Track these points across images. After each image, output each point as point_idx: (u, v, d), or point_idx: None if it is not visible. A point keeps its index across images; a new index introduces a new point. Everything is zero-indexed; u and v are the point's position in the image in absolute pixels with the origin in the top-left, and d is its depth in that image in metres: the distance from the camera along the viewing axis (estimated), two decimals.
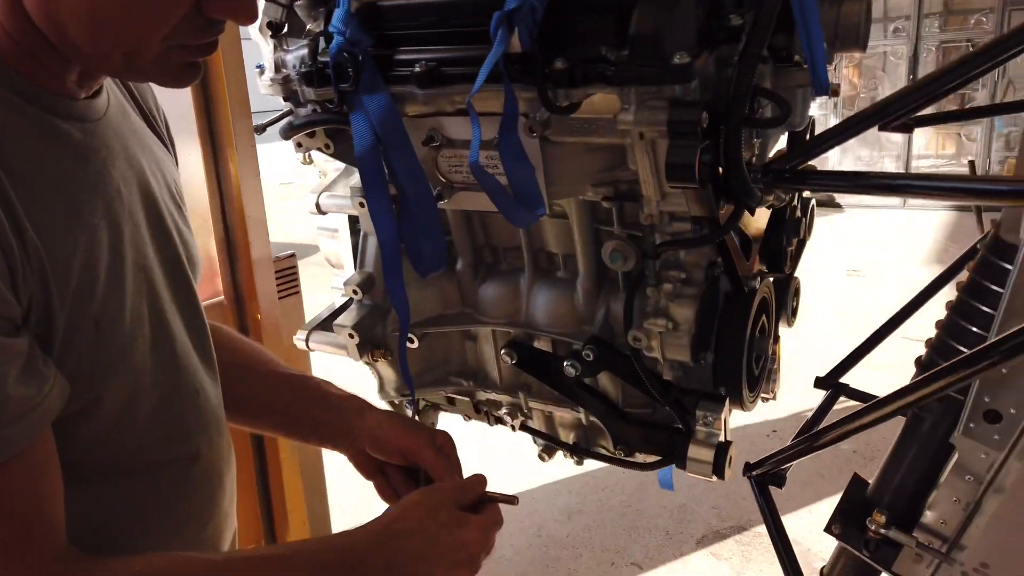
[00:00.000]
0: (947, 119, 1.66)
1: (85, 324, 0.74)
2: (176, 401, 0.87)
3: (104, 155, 0.80)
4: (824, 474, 3.23)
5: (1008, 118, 6.95)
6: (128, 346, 0.80)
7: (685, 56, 0.79)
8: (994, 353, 0.71)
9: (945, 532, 1.03)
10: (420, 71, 0.90)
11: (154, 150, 0.92)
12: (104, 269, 0.76)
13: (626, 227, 1.03)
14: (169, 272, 0.88)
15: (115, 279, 0.78)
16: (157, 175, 0.90)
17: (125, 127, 0.86)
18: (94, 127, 0.80)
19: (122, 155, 0.83)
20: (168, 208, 0.90)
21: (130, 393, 0.80)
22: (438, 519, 0.85)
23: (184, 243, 0.92)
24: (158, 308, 0.85)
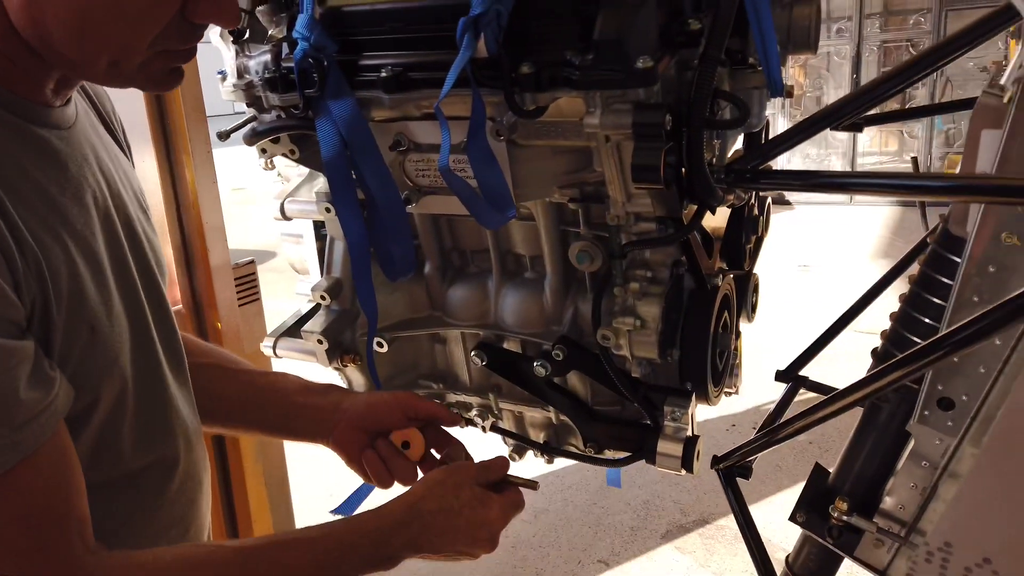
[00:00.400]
0: (893, 118, 1.72)
1: (81, 328, 0.74)
2: (156, 406, 0.87)
3: (79, 162, 0.80)
4: (781, 466, 3.31)
5: (947, 116, 7.20)
6: (117, 350, 0.80)
7: (648, 60, 0.81)
8: (945, 344, 0.74)
9: (903, 517, 1.07)
10: (386, 76, 0.90)
11: (119, 157, 0.91)
12: (90, 274, 0.76)
13: (592, 228, 1.05)
14: (143, 279, 0.87)
15: (101, 284, 0.78)
16: (124, 182, 0.89)
17: (92, 134, 0.86)
18: (68, 134, 0.80)
19: (94, 162, 0.83)
20: (137, 215, 0.89)
21: (117, 398, 0.80)
22: (460, 497, 0.88)
23: (153, 250, 0.91)
24: (138, 314, 0.85)
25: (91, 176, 0.81)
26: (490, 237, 1.13)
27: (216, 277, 1.96)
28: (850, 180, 0.86)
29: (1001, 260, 0.89)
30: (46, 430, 0.69)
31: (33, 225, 0.70)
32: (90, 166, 0.82)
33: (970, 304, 0.91)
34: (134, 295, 0.85)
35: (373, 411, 1.02)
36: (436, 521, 0.87)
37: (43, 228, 0.71)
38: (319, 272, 1.26)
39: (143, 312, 0.87)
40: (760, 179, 0.86)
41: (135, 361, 0.83)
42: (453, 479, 0.91)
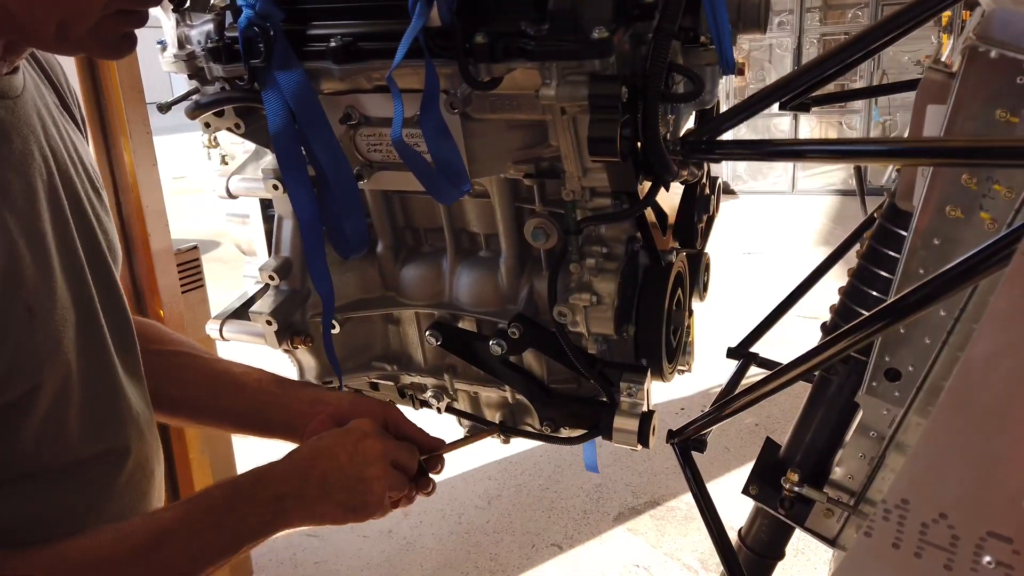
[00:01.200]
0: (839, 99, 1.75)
1: (17, 310, 0.70)
2: (104, 394, 0.83)
3: (25, 134, 0.76)
4: (730, 447, 3.38)
5: (883, 108, 7.44)
6: (60, 334, 0.76)
7: (603, 31, 0.80)
8: (890, 313, 0.75)
9: (853, 487, 1.10)
10: (336, 46, 0.87)
11: (69, 131, 0.87)
12: (31, 254, 0.72)
13: (548, 204, 1.04)
14: (91, 260, 0.83)
15: (43, 263, 0.74)
16: (74, 156, 0.85)
17: (41, 105, 0.81)
18: (14, 104, 0.75)
19: (41, 135, 0.79)
20: (87, 191, 0.85)
21: (62, 384, 0.76)
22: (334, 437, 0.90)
23: (103, 230, 0.87)
24: (85, 296, 0.81)
25: (37, 150, 0.77)
26: (444, 215, 1.11)
27: (157, 262, 1.89)
28: (801, 148, 0.87)
29: (946, 233, 0.91)
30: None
31: None
32: (37, 139, 0.77)
33: (916, 276, 0.94)
34: (80, 277, 0.81)
35: (356, 411, 0.99)
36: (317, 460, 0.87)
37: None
38: (267, 253, 1.22)
39: (90, 295, 0.82)
40: (713, 150, 0.87)
41: (81, 346, 0.79)
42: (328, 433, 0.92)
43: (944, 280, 0.66)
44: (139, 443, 0.89)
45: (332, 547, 2.91)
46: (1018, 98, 0.80)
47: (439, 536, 2.97)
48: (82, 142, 0.90)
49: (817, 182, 7.74)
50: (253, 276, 1.23)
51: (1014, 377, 0.49)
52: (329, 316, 1.02)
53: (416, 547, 2.92)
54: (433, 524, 3.03)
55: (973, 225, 0.89)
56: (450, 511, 3.10)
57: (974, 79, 0.81)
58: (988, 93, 0.81)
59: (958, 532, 0.52)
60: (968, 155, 0.66)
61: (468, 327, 1.16)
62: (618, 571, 2.77)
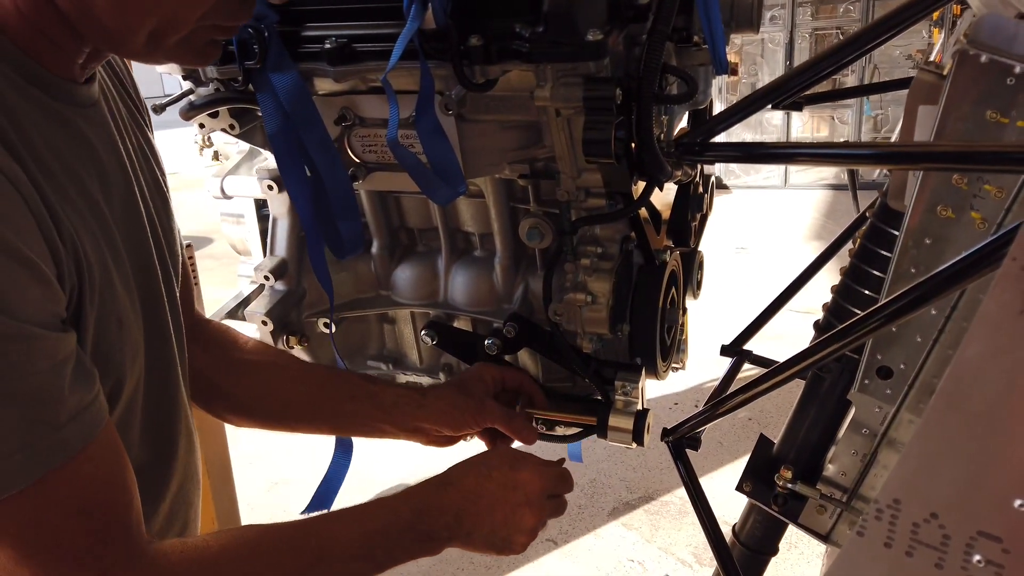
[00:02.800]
0: (831, 98, 1.76)
1: (111, 321, 0.70)
2: (165, 404, 0.84)
3: (103, 143, 0.75)
4: (723, 443, 3.39)
5: (875, 102, 7.46)
6: (138, 345, 0.76)
7: (598, 33, 0.80)
8: (883, 314, 0.76)
9: (845, 483, 1.11)
10: (331, 48, 0.87)
11: (138, 134, 0.86)
12: (116, 263, 0.72)
13: (542, 205, 1.04)
14: (162, 271, 0.83)
15: (124, 274, 0.74)
16: (142, 164, 0.84)
17: (114, 108, 0.80)
18: (91, 113, 0.74)
19: (118, 143, 0.78)
20: (153, 200, 0.84)
21: (133, 392, 0.77)
22: (493, 477, 0.89)
23: (169, 243, 0.87)
24: (155, 308, 0.81)
25: (115, 160, 0.76)
26: (439, 215, 1.12)
27: None
28: (792, 151, 0.87)
29: (937, 232, 0.92)
30: (95, 425, 0.65)
31: (69, 212, 0.65)
32: (114, 149, 0.77)
33: (908, 275, 0.94)
34: (154, 289, 0.81)
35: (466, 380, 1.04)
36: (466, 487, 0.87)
37: (77, 216, 0.67)
38: (261, 252, 1.22)
39: (162, 306, 0.82)
40: (706, 151, 0.87)
41: (151, 357, 0.80)
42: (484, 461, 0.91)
43: (936, 282, 0.67)
44: (189, 454, 0.89)
45: None
46: (1007, 99, 0.81)
47: None
48: (148, 138, 0.89)
49: (809, 176, 7.76)
50: (248, 276, 1.24)
51: (1004, 379, 0.50)
52: (332, 312, 1.03)
53: None
54: None
55: (964, 225, 0.90)
56: None
57: (964, 81, 0.82)
58: (978, 95, 0.82)
59: (949, 531, 0.53)
60: (957, 160, 0.67)
61: (463, 327, 1.16)
62: (612, 566, 2.78)
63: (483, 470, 0.89)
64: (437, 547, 0.85)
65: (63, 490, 0.63)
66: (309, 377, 1.06)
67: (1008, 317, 0.48)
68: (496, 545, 0.88)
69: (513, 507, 0.88)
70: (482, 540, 0.87)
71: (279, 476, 3.28)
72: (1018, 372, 0.49)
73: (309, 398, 1.04)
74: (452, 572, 2.77)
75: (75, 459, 0.63)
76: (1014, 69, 0.75)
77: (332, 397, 1.05)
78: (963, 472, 0.52)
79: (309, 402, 1.05)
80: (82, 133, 0.72)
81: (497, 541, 0.88)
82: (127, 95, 0.88)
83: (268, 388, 1.02)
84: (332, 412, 1.05)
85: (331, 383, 1.06)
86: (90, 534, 0.65)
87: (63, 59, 0.69)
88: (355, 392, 1.05)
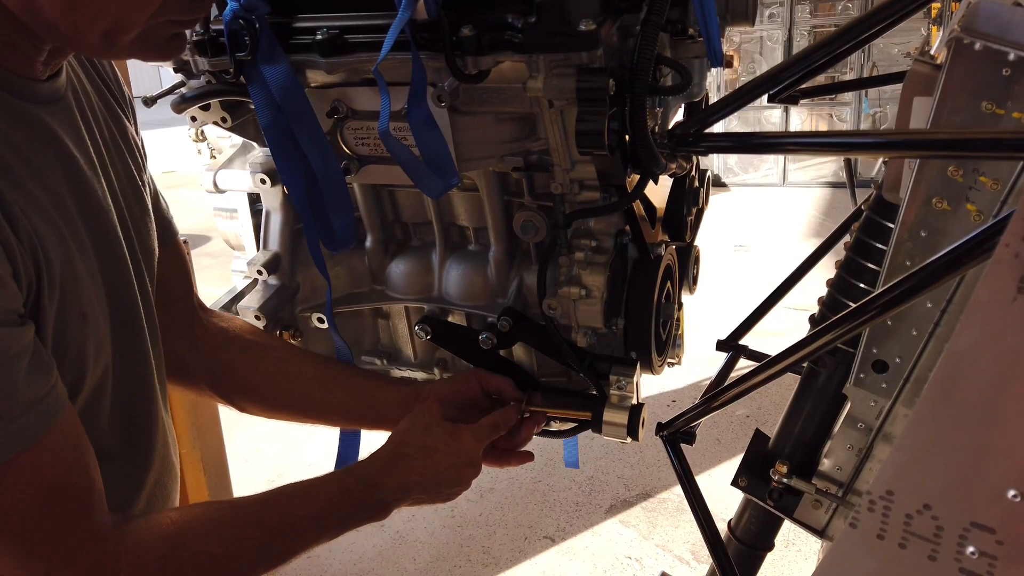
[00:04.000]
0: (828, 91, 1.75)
1: (73, 315, 0.71)
2: (138, 395, 0.85)
3: (69, 138, 0.75)
4: (721, 439, 3.39)
5: (873, 100, 7.45)
6: (104, 337, 0.77)
7: (591, 23, 0.80)
8: (877, 304, 0.76)
9: (841, 478, 1.10)
10: (322, 39, 0.87)
11: (112, 128, 0.85)
12: (81, 255, 0.73)
13: (536, 198, 1.04)
14: (134, 263, 0.83)
15: (90, 267, 0.74)
16: (114, 156, 0.84)
17: (85, 103, 0.80)
18: (56, 108, 0.74)
19: (84, 137, 0.78)
20: (124, 193, 0.84)
21: (100, 380, 0.78)
22: (433, 435, 0.94)
23: (139, 234, 0.86)
24: (125, 301, 0.81)
25: (80, 154, 0.76)
26: (433, 209, 1.11)
27: None
28: (786, 140, 0.87)
29: (932, 224, 0.91)
30: (52, 415, 0.67)
31: (28, 209, 0.66)
32: (81, 142, 0.77)
33: (903, 268, 0.94)
34: (123, 279, 0.81)
35: (455, 384, 1.06)
36: (416, 460, 0.92)
37: (37, 211, 0.67)
38: (255, 247, 1.21)
39: (133, 299, 0.83)
40: (701, 142, 0.87)
41: (120, 348, 0.80)
42: (421, 421, 0.96)
43: (929, 272, 0.67)
44: (165, 446, 0.90)
45: None
46: (1004, 90, 0.80)
47: (431, 530, 2.97)
48: (124, 127, 0.89)
49: (808, 174, 7.75)
50: (242, 271, 1.23)
51: (997, 369, 0.49)
52: (330, 303, 1.04)
53: (408, 541, 2.92)
54: (425, 518, 3.03)
55: (960, 217, 0.89)
56: (442, 505, 3.10)
57: (960, 71, 0.81)
58: (974, 85, 0.81)
59: (942, 523, 0.53)
60: (949, 148, 0.67)
61: (458, 321, 1.16)
62: (610, 563, 2.78)
63: (428, 442, 0.94)
64: (385, 514, 0.91)
65: (23, 478, 0.65)
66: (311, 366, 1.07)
67: (1001, 305, 0.48)
68: (438, 500, 0.96)
69: (457, 470, 0.95)
70: (427, 500, 0.95)
71: (276, 473, 3.28)
72: (1011, 361, 0.49)
73: (320, 383, 1.06)
74: (448, 570, 2.76)
75: (32, 448, 0.65)
76: (1008, 56, 0.75)
77: (339, 388, 1.07)
78: (956, 463, 0.51)
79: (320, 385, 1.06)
80: (46, 128, 0.72)
81: (440, 498, 0.96)
82: (104, 86, 0.87)
83: (278, 368, 1.04)
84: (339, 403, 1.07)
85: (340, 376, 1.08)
86: (53, 518, 0.68)
87: (22, 59, 0.69)
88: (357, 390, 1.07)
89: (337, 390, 1.06)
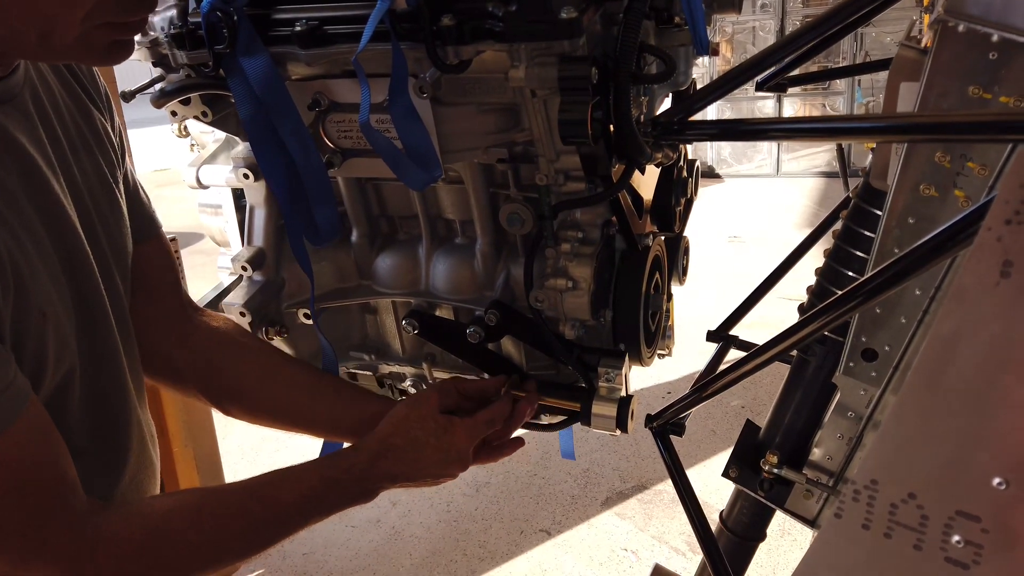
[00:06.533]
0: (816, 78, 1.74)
1: (31, 313, 0.70)
2: (110, 392, 0.84)
3: (24, 136, 0.73)
4: (716, 430, 3.39)
5: (866, 89, 7.45)
6: (68, 335, 0.76)
7: (572, 11, 0.79)
8: (863, 291, 0.75)
9: (831, 467, 1.10)
10: (301, 30, 0.85)
11: (80, 124, 0.84)
12: (40, 255, 0.72)
13: (522, 189, 1.03)
14: (98, 259, 0.82)
15: (51, 266, 0.74)
16: (82, 153, 0.82)
17: (46, 101, 0.79)
18: (11, 108, 0.73)
19: (42, 135, 0.76)
20: (92, 190, 0.83)
21: (66, 378, 0.77)
22: (425, 427, 0.93)
23: (108, 232, 0.85)
24: (90, 298, 0.80)
25: (38, 151, 0.75)
26: (418, 202, 1.10)
27: None
28: (770, 127, 0.86)
29: (920, 211, 0.91)
30: (12, 410, 0.66)
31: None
32: (38, 140, 0.75)
33: (891, 255, 0.93)
34: (88, 278, 0.80)
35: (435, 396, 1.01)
36: (406, 453, 0.91)
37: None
38: (240, 243, 1.20)
39: (99, 297, 0.81)
40: (686, 130, 0.86)
41: (88, 346, 0.79)
42: (416, 411, 0.94)
43: (915, 257, 0.66)
44: (142, 442, 0.89)
45: (320, 537, 2.90)
46: (990, 74, 0.80)
47: (427, 525, 2.97)
48: (97, 130, 0.87)
49: (801, 164, 7.74)
50: (227, 267, 1.22)
51: (981, 355, 0.48)
52: (313, 299, 1.03)
53: (404, 536, 2.92)
54: (421, 513, 3.03)
55: (948, 203, 0.89)
56: (438, 499, 3.10)
57: (946, 55, 0.80)
58: (960, 69, 0.80)
59: (927, 512, 0.52)
60: (934, 131, 0.66)
61: (445, 315, 1.15)
62: (606, 555, 2.78)
63: (420, 435, 0.93)
64: (369, 500, 0.91)
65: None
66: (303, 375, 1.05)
67: (984, 290, 0.47)
68: (423, 487, 0.96)
69: (445, 464, 0.94)
70: (412, 486, 0.95)
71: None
72: (995, 346, 0.48)
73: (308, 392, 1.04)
74: (444, 564, 2.76)
75: (4, 436, 0.65)
76: (992, 38, 0.74)
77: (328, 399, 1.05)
78: (940, 451, 0.51)
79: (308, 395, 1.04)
80: (1, 128, 0.71)
81: (425, 486, 0.96)
82: (74, 81, 0.86)
83: (267, 374, 1.03)
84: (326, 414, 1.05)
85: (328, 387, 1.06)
86: (25, 509, 0.68)
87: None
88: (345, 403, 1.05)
89: (325, 401, 1.04)
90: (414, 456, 0.92)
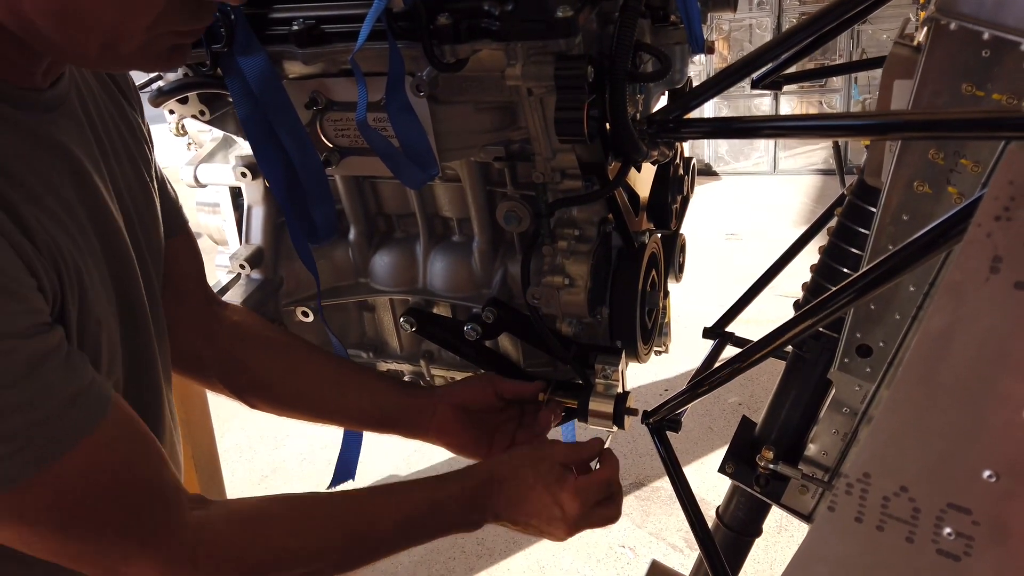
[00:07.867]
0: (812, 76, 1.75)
1: (90, 321, 0.70)
2: (148, 397, 0.83)
3: (75, 144, 0.73)
4: (713, 427, 3.40)
5: (863, 87, 7.46)
6: (116, 344, 0.76)
7: (568, 9, 0.79)
8: (856, 287, 0.75)
9: (827, 463, 1.10)
10: (299, 29, 0.86)
11: (120, 127, 0.84)
12: (94, 263, 0.72)
13: (519, 187, 1.03)
14: (140, 266, 0.82)
15: (102, 273, 0.73)
16: (124, 157, 0.82)
17: (91, 107, 0.78)
18: (58, 116, 0.73)
19: (91, 140, 0.76)
20: (133, 194, 0.82)
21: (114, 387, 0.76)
22: (538, 470, 0.89)
23: (146, 236, 0.85)
24: (133, 305, 0.80)
25: (86, 159, 0.74)
26: (416, 200, 1.11)
27: None
28: (765, 124, 0.87)
29: (914, 208, 0.91)
30: (96, 409, 0.65)
31: (44, 220, 0.65)
32: (87, 146, 0.75)
33: (885, 252, 0.93)
34: (131, 284, 0.80)
35: (470, 390, 1.03)
36: (509, 490, 0.88)
37: (52, 222, 0.66)
38: (238, 241, 1.21)
39: (140, 303, 0.81)
40: (682, 128, 0.86)
41: (130, 354, 0.79)
42: (534, 453, 0.92)
43: (908, 253, 0.67)
44: (172, 446, 0.89)
45: None
46: (983, 71, 0.80)
47: None
48: (135, 132, 0.87)
49: (798, 162, 7.76)
50: (225, 266, 1.22)
51: (971, 349, 0.49)
52: (320, 295, 1.03)
53: None
54: None
55: (941, 200, 0.89)
56: None
57: (939, 53, 0.81)
58: (953, 67, 0.81)
59: (919, 505, 0.53)
60: (926, 128, 0.66)
61: (443, 312, 1.16)
62: (604, 552, 2.79)
63: (530, 477, 0.89)
64: (473, 530, 0.89)
65: (80, 475, 0.64)
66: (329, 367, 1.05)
67: (974, 285, 0.47)
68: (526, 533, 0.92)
69: (549, 520, 0.89)
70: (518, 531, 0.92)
71: (269, 469, 3.27)
72: (985, 341, 0.49)
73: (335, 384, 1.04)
74: (443, 561, 2.77)
75: (81, 444, 0.63)
76: (983, 36, 0.74)
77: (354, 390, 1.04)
78: (932, 444, 0.51)
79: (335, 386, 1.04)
80: (52, 137, 0.71)
81: (529, 533, 0.92)
82: (112, 83, 0.86)
83: (293, 367, 1.02)
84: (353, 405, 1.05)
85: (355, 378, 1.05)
86: (123, 509, 0.67)
87: (22, 71, 0.68)
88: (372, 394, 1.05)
89: (352, 392, 1.04)
90: (521, 495, 0.88)
